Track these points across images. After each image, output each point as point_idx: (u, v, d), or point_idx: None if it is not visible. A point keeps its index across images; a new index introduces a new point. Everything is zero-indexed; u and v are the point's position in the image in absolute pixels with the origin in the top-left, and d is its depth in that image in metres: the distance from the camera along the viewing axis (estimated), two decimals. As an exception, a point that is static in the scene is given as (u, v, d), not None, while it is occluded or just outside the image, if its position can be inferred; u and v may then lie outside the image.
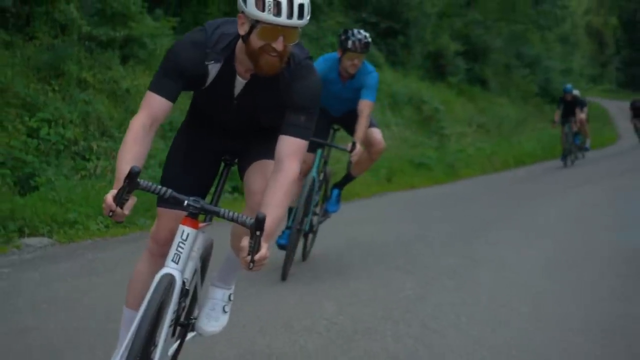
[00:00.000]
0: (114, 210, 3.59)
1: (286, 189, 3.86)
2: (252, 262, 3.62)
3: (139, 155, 3.81)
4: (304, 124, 3.94)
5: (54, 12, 12.62)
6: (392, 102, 21.56)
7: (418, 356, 5.82)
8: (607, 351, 6.21)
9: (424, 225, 11.59)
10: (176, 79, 3.92)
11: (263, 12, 3.70)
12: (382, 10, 24.65)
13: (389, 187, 15.85)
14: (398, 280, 8.11)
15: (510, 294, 7.84)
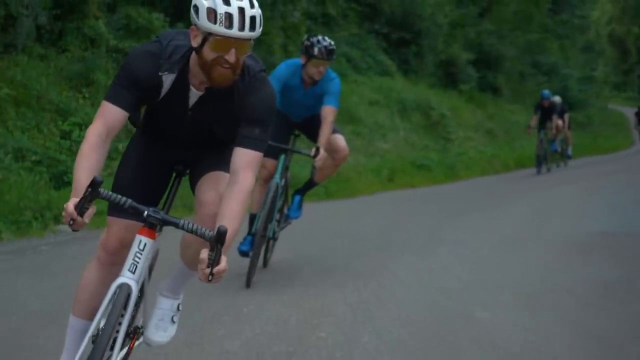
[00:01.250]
0: (75, 218, 3.60)
1: (242, 200, 3.89)
2: (212, 275, 3.65)
3: (96, 165, 3.85)
4: (258, 136, 3.97)
5: (84, 28, 14.00)
6: (400, 108, 22.85)
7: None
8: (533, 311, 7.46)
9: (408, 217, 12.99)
10: (131, 89, 3.95)
11: (215, 25, 3.74)
12: (395, 21, 25.83)
13: (390, 186, 17.24)
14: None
15: (457, 263, 9.35)
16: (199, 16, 3.77)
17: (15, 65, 12.83)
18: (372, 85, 22.94)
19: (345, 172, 16.62)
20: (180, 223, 3.75)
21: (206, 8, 3.75)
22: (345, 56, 23.17)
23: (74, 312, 4.34)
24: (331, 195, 15.35)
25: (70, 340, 4.32)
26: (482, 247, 10.46)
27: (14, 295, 6.85)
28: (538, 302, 7.71)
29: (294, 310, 6.92)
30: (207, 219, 4.03)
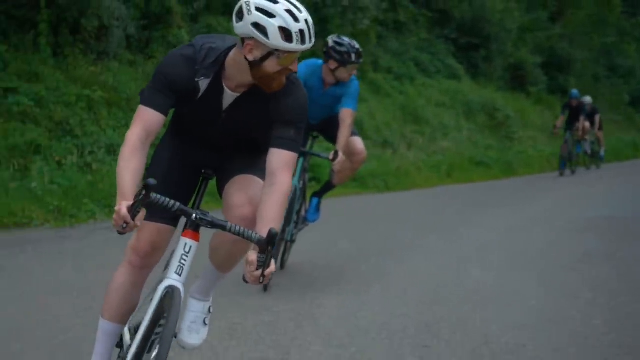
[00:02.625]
0: (129, 222, 3.60)
1: (281, 201, 3.89)
2: (263, 277, 3.66)
3: (138, 168, 3.85)
4: (293, 137, 3.95)
5: (168, 36, 15.48)
6: (466, 110, 23.96)
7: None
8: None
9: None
10: (167, 93, 3.95)
11: (291, 43, 3.73)
12: (465, 26, 26.84)
13: (448, 181, 18.47)
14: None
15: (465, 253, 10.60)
16: (268, 36, 3.73)
17: (107, 71, 14.40)
18: (440, 87, 24.06)
19: (405, 167, 17.99)
20: (228, 226, 3.76)
21: (278, 27, 3.73)
22: (414, 60, 24.34)
23: (104, 316, 4.35)
24: (390, 188, 16.74)
25: (101, 343, 4.35)
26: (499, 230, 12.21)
27: (112, 260, 8.06)
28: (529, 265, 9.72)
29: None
30: (237, 221, 3.95)
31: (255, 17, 3.74)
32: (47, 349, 5.73)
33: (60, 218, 10.87)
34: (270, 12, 3.74)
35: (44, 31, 13.93)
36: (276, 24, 3.73)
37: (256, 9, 3.75)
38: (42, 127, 12.69)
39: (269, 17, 3.73)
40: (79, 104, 13.42)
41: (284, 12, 3.74)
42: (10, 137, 12.19)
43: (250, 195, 4.11)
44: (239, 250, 4.20)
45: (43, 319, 6.44)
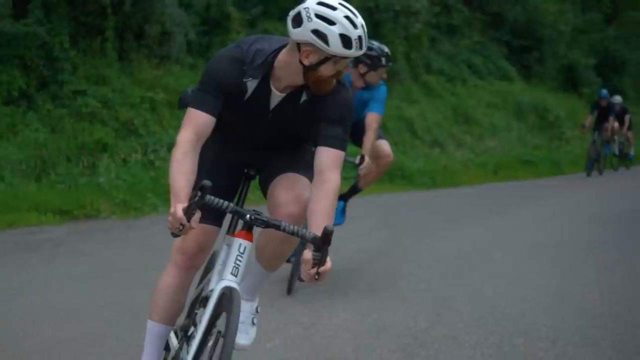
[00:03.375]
0: (185, 224, 3.63)
1: (332, 199, 3.88)
2: (318, 275, 3.65)
3: (191, 170, 3.85)
4: (340, 135, 3.96)
5: (227, 41, 16.28)
6: (517, 110, 24.49)
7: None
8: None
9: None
10: (216, 94, 3.93)
11: (350, 50, 3.74)
12: (518, 29, 27.31)
13: (494, 179, 19.11)
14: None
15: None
16: (328, 43, 3.74)
17: (169, 74, 15.30)
18: (492, 89, 24.62)
19: (452, 165, 18.71)
20: (282, 225, 3.76)
21: (339, 35, 3.74)
22: (466, 62, 24.93)
23: (152, 318, 4.38)
24: (437, 185, 17.48)
25: (150, 345, 4.38)
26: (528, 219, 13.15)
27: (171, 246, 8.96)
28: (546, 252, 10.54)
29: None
30: (285, 219, 3.91)
31: (315, 25, 3.74)
32: (115, 310, 6.61)
33: (125, 210, 11.77)
34: (330, 19, 3.75)
35: (110, 37, 14.85)
36: (337, 31, 3.74)
37: (316, 16, 3.75)
38: (108, 127, 13.62)
39: (329, 25, 3.74)
40: (142, 105, 14.35)
41: (343, 19, 3.75)
42: (79, 136, 13.14)
43: (297, 194, 4.10)
44: (286, 249, 4.23)
45: (114, 291, 7.36)
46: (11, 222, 10.46)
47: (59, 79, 13.79)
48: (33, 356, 5.63)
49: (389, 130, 19.07)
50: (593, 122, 21.82)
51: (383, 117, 18.17)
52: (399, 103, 20.47)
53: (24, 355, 5.60)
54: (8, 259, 8.74)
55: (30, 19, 13.88)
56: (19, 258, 8.78)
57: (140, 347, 4.49)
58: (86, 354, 5.70)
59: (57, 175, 12.20)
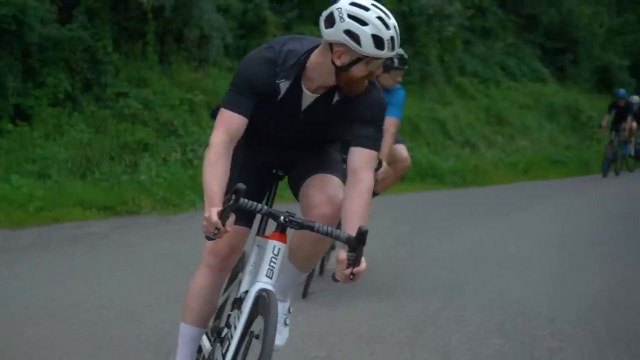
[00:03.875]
0: (220, 228, 3.61)
1: (366, 199, 3.87)
2: (353, 275, 3.64)
3: (224, 173, 3.83)
4: (373, 135, 3.95)
5: (263, 44, 16.86)
6: (549, 111, 24.82)
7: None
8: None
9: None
10: (249, 95, 3.90)
11: (383, 50, 3.73)
12: (552, 31, 27.59)
13: (524, 178, 19.55)
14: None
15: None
16: (361, 43, 3.73)
17: (207, 76, 15.88)
18: (525, 90, 24.97)
19: (483, 165, 19.15)
20: (315, 226, 3.76)
21: (371, 35, 3.73)
22: (500, 64, 25.30)
23: (185, 320, 4.40)
24: (467, 184, 17.95)
25: (184, 347, 4.40)
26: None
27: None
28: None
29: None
30: (319, 220, 3.91)
31: (347, 25, 3.74)
32: (153, 295, 7.20)
33: (165, 207, 12.35)
34: (363, 20, 3.73)
35: (151, 41, 15.46)
36: (369, 31, 3.73)
37: (349, 16, 3.74)
38: (149, 127, 14.23)
39: (361, 25, 3.73)
40: (182, 107, 14.93)
41: (376, 20, 3.73)
42: (121, 136, 13.76)
43: (330, 194, 4.09)
44: (320, 250, 4.25)
45: (152, 279, 7.93)
46: (58, 218, 11.07)
47: (102, 82, 14.42)
48: (81, 332, 6.19)
49: (421, 131, 19.58)
50: (611, 122, 21.42)
51: (415, 118, 18.69)
52: (433, 105, 20.93)
53: (72, 331, 6.16)
54: (55, 250, 9.35)
55: (75, 24, 14.52)
56: (65, 249, 9.40)
57: (173, 327, 4.89)
58: (126, 332, 6.24)
59: (101, 174, 12.82)
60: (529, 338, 6.64)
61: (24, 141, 12.75)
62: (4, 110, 13.08)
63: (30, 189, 11.55)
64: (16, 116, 13.18)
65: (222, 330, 4.25)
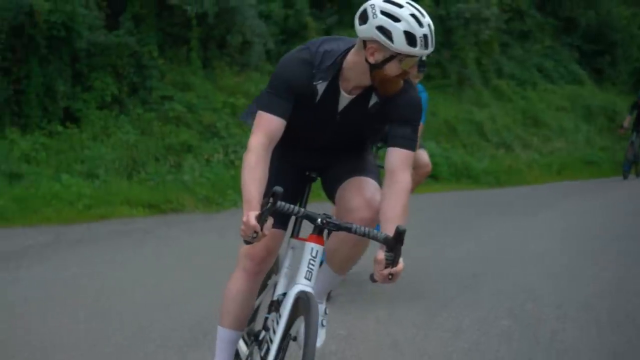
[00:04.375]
0: (258, 232, 3.59)
1: (404, 199, 3.84)
2: (391, 275, 3.64)
3: (263, 176, 3.81)
4: (409, 135, 3.91)
5: (300, 47, 17.40)
6: (586, 113, 25.07)
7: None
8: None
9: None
10: (287, 97, 3.88)
11: (415, 48, 3.69)
12: (590, 33, 27.79)
13: (557, 178, 19.94)
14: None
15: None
16: (393, 40, 3.70)
17: (249, 81, 16.45)
18: (562, 92, 25.23)
19: (517, 166, 19.56)
20: (353, 227, 3.73)
21: (403, 32, 3.70)
22: (537, 66, 25.60)
23: (223, 324, 4.41)
24: (501, 184, 18.38)
25: (221, 351, 4.43)
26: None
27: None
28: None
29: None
30: (358, 224, 3.85)
31: (380, 21, 3.71)
32: (194, 284, 7.68)
33: (207, 205, 12.94)
34: (395, 16, 3.70)
35: (195, 46, 16.13)
36: (401, 28, 3.69)
37: (381, 12, 3.72)
38: (193, 129, 14.85)
39: (394, 21, 3.70)
40: (224, 110, 15.56)
41: (409, 17, 3.70)
42: (166, 138, 14.39)
43: (368, 198, 4.06)
44: (358, 251, 4.19)
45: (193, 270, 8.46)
46: (105, 215, 11.70)
47: (148, 86, 15.09)
48: (126, 315, 6.75)
49: (458, 133, 20.01)
50: (632, 122, 20.60)
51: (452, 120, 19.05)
52: (470, 107, 21.35)
53: (116, 319, 6.69)
54: (102, 244, 9.95)
55: (122, 30, 15.20)
56: (113, 243, 10.01)
57: (209, 312, 5.37)
58: (167, 316, 6.78)
59: (146, 174, 13.45)
60: (535, 320, 7.11)
61: (73, 142, 13.44)
62: (55, 113, 13.77)
63: (79, 188, 12.22)
64: (66, 119, 13.88)
65: (260, 333, 4.31)
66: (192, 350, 5.86)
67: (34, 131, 13.40)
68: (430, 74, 21.35)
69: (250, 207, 3.65)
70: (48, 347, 5.82)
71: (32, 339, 5.97)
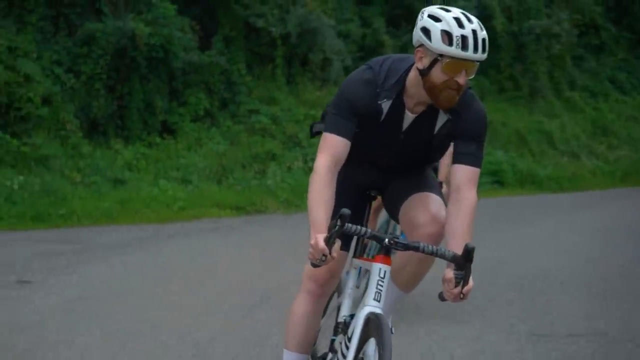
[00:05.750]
0: (327, 254, 3.55)
1: (470, 217, 3.79)
2: (462, 294, 3.58)
3: (330, 198, 3.76)
4: (475, 152, 3.86)
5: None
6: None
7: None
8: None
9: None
10: (351, 118, 3.83)
11: (451, 47, 3.62)
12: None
13: (620, 185, 20.87)
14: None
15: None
16: (431, 38, 3.65)
17: (329, 95, 17.74)
18: (633, 103, 25.98)
19: (581, 172, 20.63)
20: (421, 246, 3.65)
21: (440, 30, 3.64)
22: (610, 79, 26.44)
23: (289, 347, 4.37)
24: (564, 189, 19.52)
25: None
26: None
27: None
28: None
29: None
30: (424, 240, 3.83)
31: (424, 22, 3.70)
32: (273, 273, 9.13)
33: (288, 207, 14.44)
34: (437, 17, 3.68)
35: (279, 64, 17.76)
36: (440, 27, 3.64)
37: (428, 15, 3.71)
38: (277, 139, 16.42)
39: (435, 21, 3.67)
40: (306, 122, 17.05)
41: (450, 18, 3.66)
42: (253, 147, 16.01)
43: (433, 213, 4.01)
44: (424, 269, 4.13)
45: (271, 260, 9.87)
46: (197, 215, 13.28)
47: (237, 100, 16.78)
48: (213, 298, 7.98)
49: (527, 142, 21.19)
50: None
51: (523, 130, 20.29)
52: (540, 117, 22.49)
53: (205, 299, 8.03)
54: (193, 238, 11.49)
55: (214, 50, 16.91)
56: (203, 237, 11.55)
57: (284, 293, 6.50)
58: (247, 297, 8.13)
59: (234, 179, 15.05)
60: (536, 292, 8.32)
61: (169, 152, 15.14)
62: (153, 126, 15.51)
63: (174, 192, 13.87)
64: (163, 131, 15.61)
65: (326, 355, 4.32)
66: (256, 309, 7.22)
67: (135, 142, 15.15)
68: (503, 87, 22.65)
69: (317, 230, 3.62)
70: (149, 309, 7.22)
71: (134, 305, 7.39)
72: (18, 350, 5.75)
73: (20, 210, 12.17)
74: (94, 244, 10.54)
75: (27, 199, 12.52)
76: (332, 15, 18.96)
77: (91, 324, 6.52)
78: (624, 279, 9.32)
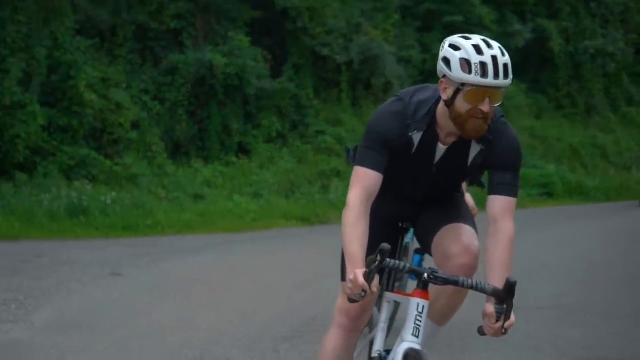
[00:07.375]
0: (367, 290, 3.45)
1: (509, 248, 3.70)
2: (504, 329, 3.49)
3: (364, 232, 3.67)
4: (510, 181, 3.77)
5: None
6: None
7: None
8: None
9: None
10: (382, 151, 3.73)
11: (470, 75, 3.50)
12: None
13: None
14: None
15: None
16: (451, 68, 3.53)
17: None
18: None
19: (628, 183, 21.82)
20: (460, 280, 3.53)
21: (459, 59, 3.53)
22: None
23: None
24: (610, 199, 20.79)
25: None
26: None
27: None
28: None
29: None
30: (457, 271, 3.79)
31: (445, 52, 3.61)
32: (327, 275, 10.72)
33: (348, 219, 16.01)
34: (457, 45, 3.58)
35: (344, 88, 19.45)
36: (459, 55, 3.54)
37: (449, 45, 3.62)
38: (341, 158, 18.00)
39: (454, 50, 3.56)
40: (369, 141, 18.60)
41: (469, 46, 3.56)
42: (319, 165, 17.73)
43: (466, 244, 3.94)
44: (459, 300, 4.06)
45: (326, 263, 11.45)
46: (267, 226, 14.98)
47: (305, 122, 18.55)
48: (273, 296, 9.54)
49: (580, 156, 22.48)
50: None
51: (577, 144, 21.80)
52: (595, 132, 23.76)
53: (269, 297, 9.65)
54: (262, 244, 13.13)
55: (284, 77, 18.70)
56: (270, 243, 13.21)
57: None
58: (308, 295, 9.69)
59: (300, 194, 16.72)
60: (541, 284, 9.61)
61: (244, 170, 16.92)
62: (230, 147, 17.33)
63: (247, 205, 15.61)
64: (239, 151, 17.41)
65: None
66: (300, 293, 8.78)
67: (214, 161, 16.99)
68: (561, 104, 23.98)
69: (355, 265, 3.53)
70: (216, 293, 8.79)
71: (202, 291, 8.94)
72: (111, 318, 7.43)
73: (113, 222, 13.96)
74: (174, 248, 12.25)
75: (119, 212, 14.29)
76: (394, 42, 20.43)
77: (167, 304, 8.16)
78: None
